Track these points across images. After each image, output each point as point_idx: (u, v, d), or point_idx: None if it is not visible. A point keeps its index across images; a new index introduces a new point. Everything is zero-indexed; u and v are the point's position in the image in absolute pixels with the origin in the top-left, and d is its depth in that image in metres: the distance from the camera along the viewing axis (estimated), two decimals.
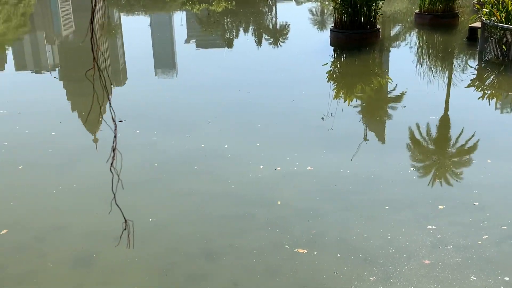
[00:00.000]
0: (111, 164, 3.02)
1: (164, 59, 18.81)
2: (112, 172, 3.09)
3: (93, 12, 2.67)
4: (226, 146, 9.05)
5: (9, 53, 20.25)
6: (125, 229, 3.27)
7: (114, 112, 3.01)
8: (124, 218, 3.30)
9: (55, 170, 8.36)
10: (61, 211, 7.10)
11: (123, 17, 29.09)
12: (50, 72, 17.12)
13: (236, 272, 5.66)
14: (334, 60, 16.51)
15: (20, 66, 18.09)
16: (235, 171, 8.12)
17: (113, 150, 3.01)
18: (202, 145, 9.13)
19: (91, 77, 2.88)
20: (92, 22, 2.72)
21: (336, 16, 17.72)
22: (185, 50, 19.71)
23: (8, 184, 7.95)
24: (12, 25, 25.50)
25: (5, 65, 17.80)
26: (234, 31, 24.20)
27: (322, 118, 10.35)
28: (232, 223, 6.66)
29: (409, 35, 20.87)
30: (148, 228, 6.53)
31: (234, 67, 15.85)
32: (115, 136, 3.04)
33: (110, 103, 2.96)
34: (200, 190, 7.55)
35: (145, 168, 8.24)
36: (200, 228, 6.55)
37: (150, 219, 6.74)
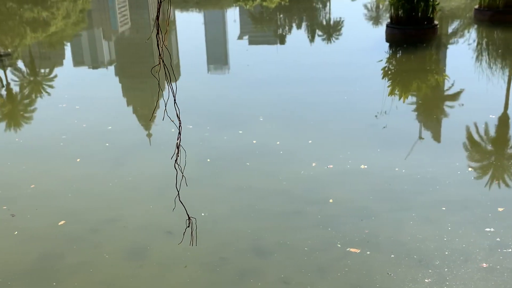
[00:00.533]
0: (175, 161, 3.03)
1: (217, 55, 18.93)
2: (176, 169, 3.10)
3: (158, 9, 2.69)
4: (278, 142, 9.02)
5: (68, 49, 20.85)
6: (188, 226, 3.28)
7: (178, 109, 3.03)
8: (188, 215, 3.31)
9: (111, 163, 8.55)
10: (116, 204, 7.25)
11: (178, 13, 29.46)
12: (107, 68, 17.53)
13: (287, 270, 5.64)
14: (389, 56, 16.21)
15: (78, 61, 18.61)
16: (287, 168, 8.09)
17: (177, 147, 3.03)
18: (254, 141, 9.13)
19: (156, 73, 2.90)
20: (157, 18, 2.73)
21: (392, 11, 17.43)
22: (237, 47, 19.78)
23: (66, 176, 8.18)
24: (70, 22, 26.24)
25: (64, 60, 18.33)
26: (287, 27, 24.11)
27: (376, 116, 10.18)
28: (284, 220, 6.64)
29: (468, 32, 20.26)
30: (200, 223, 6.56)
31: (286, 63, 15.79)
32: (179, 133, 3.05)
33: (174, 99, 2.97)
34: (252, 186, 7.56)
35: (198, 164, 8.31)
36: (251, 224, 6.56)
37: (202, 214, 6.79)
